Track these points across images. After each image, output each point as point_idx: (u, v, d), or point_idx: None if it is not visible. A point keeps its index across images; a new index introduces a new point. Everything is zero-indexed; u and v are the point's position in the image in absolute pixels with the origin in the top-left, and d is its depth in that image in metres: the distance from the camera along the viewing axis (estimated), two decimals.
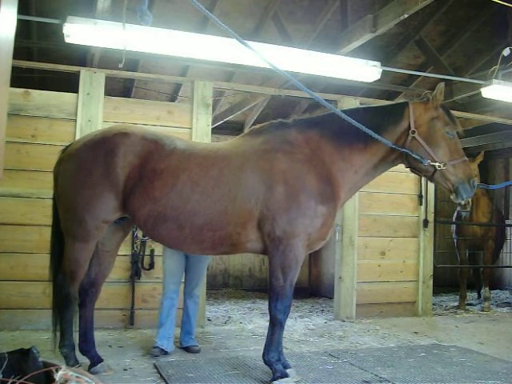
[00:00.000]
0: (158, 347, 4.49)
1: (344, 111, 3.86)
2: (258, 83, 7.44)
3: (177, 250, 4.24)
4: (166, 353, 4.51)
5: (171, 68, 7.36)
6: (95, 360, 3.92)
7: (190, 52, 4.88)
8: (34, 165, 5.38)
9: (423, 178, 6.53)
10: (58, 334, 3.86)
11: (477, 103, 8.11)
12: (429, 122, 3.84)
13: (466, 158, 3.87)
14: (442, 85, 3.90)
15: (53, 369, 1.66)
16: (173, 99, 8.30)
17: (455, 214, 8.22)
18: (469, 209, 7.42)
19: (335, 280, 6.78)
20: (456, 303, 8.13)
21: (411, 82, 8.13)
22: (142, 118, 5.79)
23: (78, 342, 3.95)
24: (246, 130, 4.39)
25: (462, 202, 7.06)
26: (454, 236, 8.38)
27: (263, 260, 9.53)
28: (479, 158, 7.61)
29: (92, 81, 5.63)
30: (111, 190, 3.71)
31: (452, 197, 3.86)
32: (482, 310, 7.63)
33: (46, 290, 4.41)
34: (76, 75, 5.67)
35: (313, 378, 3.92)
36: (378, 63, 5.40)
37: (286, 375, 3.70)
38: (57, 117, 5.54)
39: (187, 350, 4.69)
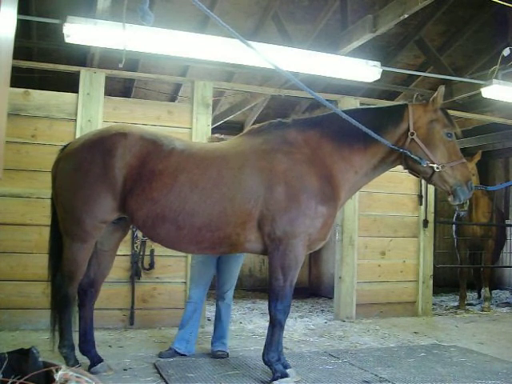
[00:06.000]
0: (172, 349, 4.45)
1: (344, 112, 3.86)
2: (257, 83, 7.44)
3: (175, 250, 4.21)
4: (183, 355, 4.44)
5: (171, 68, 7.36)
6: (95, 360, 3.91)
7: (190, 52, 4.88)
8: (34, 165, 5.38)
9: None
10: (57, 334, 3.86)
11: (477, 103, 8.11)
12: (428, 124, 3.85)
13: (465, 160, 3.89)
14: (442, 88, 3.91)
15: (53, 369, 1.66)
16: (173, 99, 8.30)
17: (455, 214, 8.22)
18: (466, 208, 7.43)
19: (335, 280, 6.78)
20: (456, 303, 8.13)
21: (411, 82, 8.12)
22: (142, 118, 5.78)
23: (77, 342, 3.95)
24: (245, 130, 4.38)
25: (464, 205, 7.08)
26: (454, 236, 8.38)
27: (263, 260, 9.53)
28: (477, 158, 7.62)
29: (92, 81, 5.63)
30: (109, 190, 3.70)
31: (450, 199, 3.88)
32: (482, 310, 7.63)
33: (45, 290, 4.41)
34: (76, 75, 5.67)
35: (313, 378, 3.92)
36: (378, 63, 5.39)
37: (286, 375, 3.70)
38: (57, 117, 5.54)
39: (213, 354, 4.49)
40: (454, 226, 8.40)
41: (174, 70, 7.43)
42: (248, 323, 6.23)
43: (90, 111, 5.59)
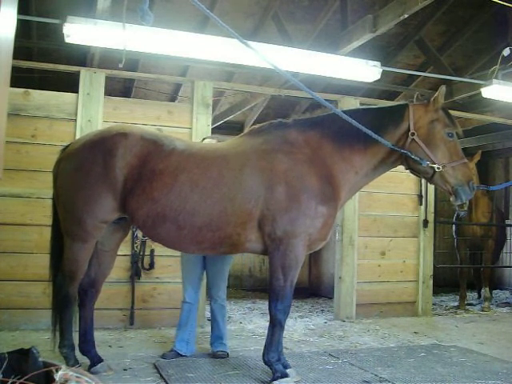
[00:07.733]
0: (174, 351, 4.44)
1: (344, 112, 3.86)
2: (257, 83, 7.44)
3: (176, 250, 4.22)
4: (184, 356, 4.44)
5: (171, 68, 7.36)
6: (95, 360, 3.91)
7: (190, 52, 4.88)
8: (34, 165, 5.38)
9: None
10: (58, 334, 3.86)
11: (477, 103, 8.11)
12: (428, 124, 3.84)
13: (466, 160, 3.89)
14: (443, 88, 3.91)
15: (53, 369, 1.66)
16: (173, 99, 8.31)
17: (455, 214, 8.22)
18: (466, 208, 7.42)
19: (335, 280, 6.78)
20: (456, 303, 8.12)
21: (411, 82, 8.12)
22: (142, 118, 5.79)
23: (77, 342, 3.95)
24: (246, 130, 4.38)
25: (464, 205, 7.07)
26: (454, 236, 8.38)
27: (263, 260, 9.53)
28: (476, 158, 7.63)
29: (92, 81, 5.63)
30: (110, 190, 3.70)
31: (451, 199, 3.87)
32: (482, 310, 7.63)
33: (45, 290, 4.42)
34: (76, 75, 5.67)
35: (313, 377, 3.92)
36: (378, 63, 5.39)
37: (286, 375, 3.70)
38: (57, 117, 5.54)
39: (214, 355, 4.49)
40: (453, 226, 8.40)
41: (174, 69, 7.43)
42: (248, 323, 6.23)
43: (90, 111, 5.59)
